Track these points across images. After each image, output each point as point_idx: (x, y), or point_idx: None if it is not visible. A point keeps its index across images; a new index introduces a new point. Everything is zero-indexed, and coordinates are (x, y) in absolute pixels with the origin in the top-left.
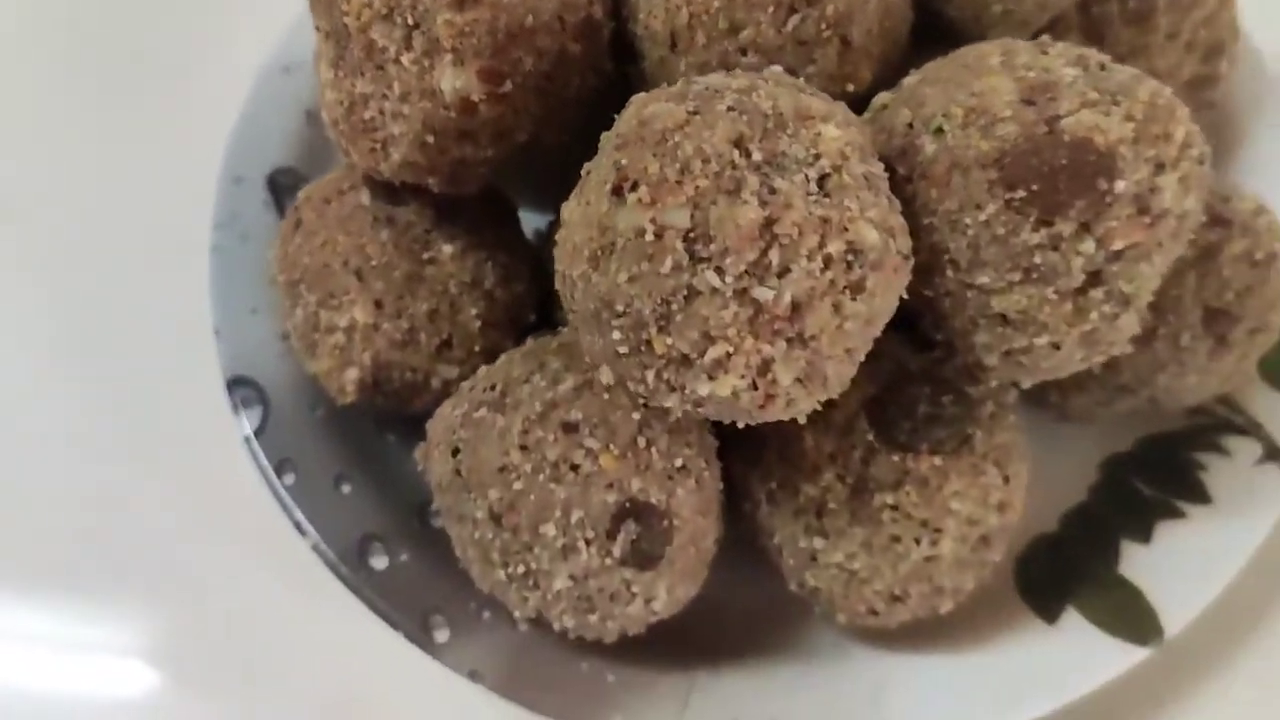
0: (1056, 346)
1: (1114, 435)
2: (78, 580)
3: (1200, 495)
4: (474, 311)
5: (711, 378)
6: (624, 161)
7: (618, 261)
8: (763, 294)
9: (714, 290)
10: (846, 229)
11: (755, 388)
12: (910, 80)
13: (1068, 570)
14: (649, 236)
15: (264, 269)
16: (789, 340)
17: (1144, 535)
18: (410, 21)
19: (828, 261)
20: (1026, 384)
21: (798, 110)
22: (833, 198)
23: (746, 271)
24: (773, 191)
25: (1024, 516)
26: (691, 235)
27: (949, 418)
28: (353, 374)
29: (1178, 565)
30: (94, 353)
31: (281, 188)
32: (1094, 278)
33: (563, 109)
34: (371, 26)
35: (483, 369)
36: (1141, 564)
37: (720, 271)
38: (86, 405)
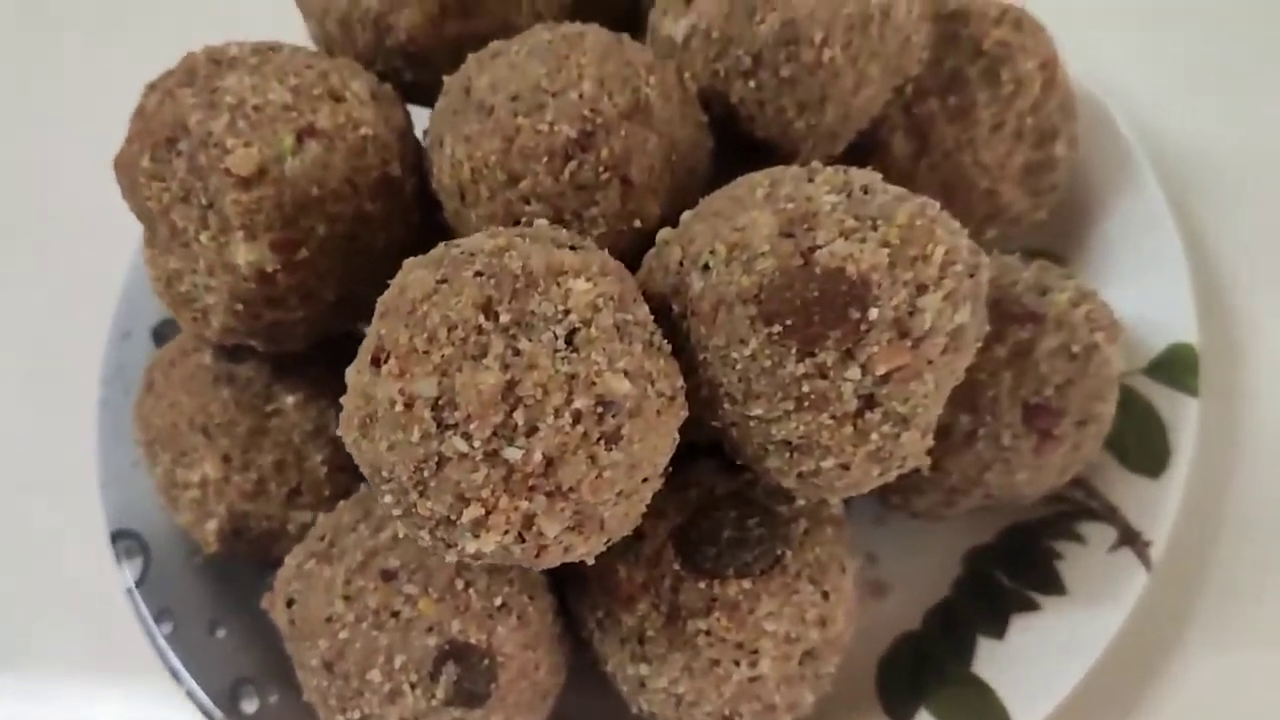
0: (845, 467)
1: (977, 528)
2: None
3: (1055, 586)
4: (319, 458)
5: (476, 535)
6: (382, 332)
7: (379, 430)
8: (512, 454)
9: (462, 455)
10: (594, 383)
11: (523, 539)
12: (686, 215)
13: (924, 669)
14: (399, 407)
15: None
16: (548, 494)
17: (999, 630)
18: (204, 202)
19: (577, 416)
20: (833, 500)
21: (549, 267)
22: (580, 352)
23: (494, 434)
24: (517, 354)
25: (888, 616)
26: (439, 403)
27: (755, 539)
28: (212, 525)
29: (1030, 660)
30: None
31: (167, 339)
32: (867, 401)
33: (370, 263)
34: (172, 209)
35: (321, 517)
36: (995, 660)
37: (467, 436)
38: None
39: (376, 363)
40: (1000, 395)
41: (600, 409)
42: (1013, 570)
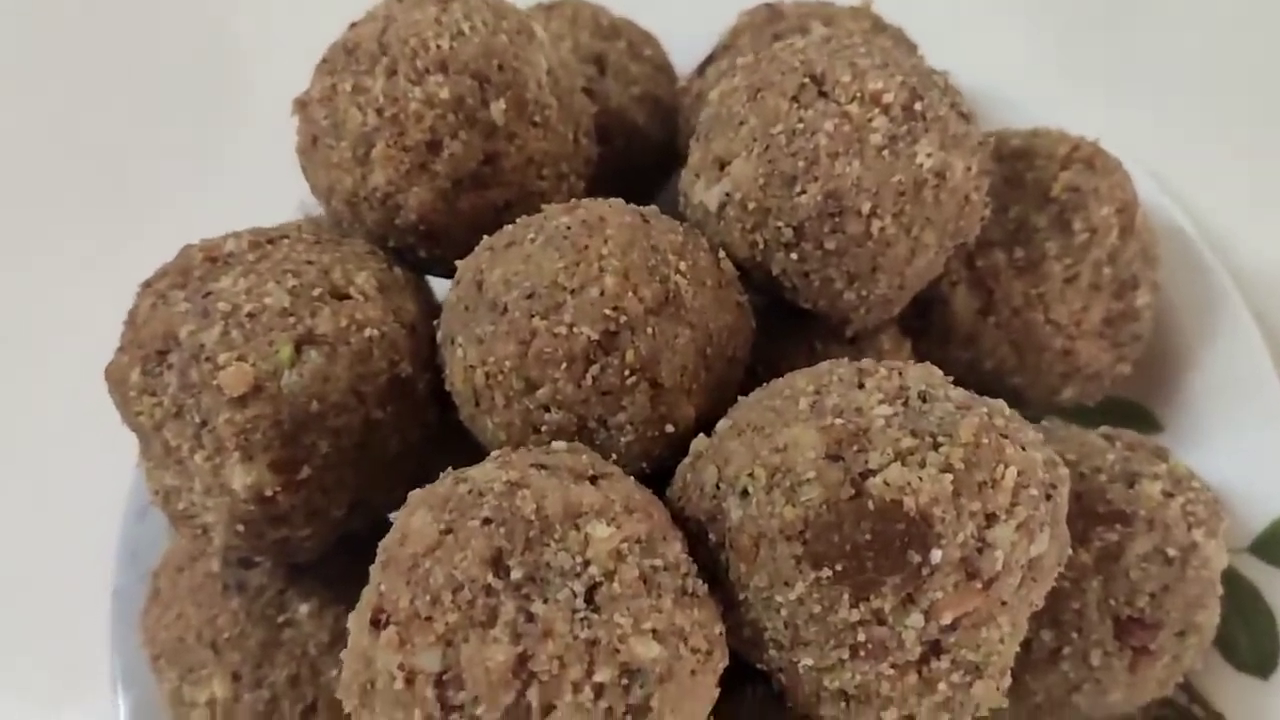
0: (911, 717)
1: None
2: None
3: None
4: (336, 673)
5: None
6: (382, 588)
7: (380, 703)
8: None
9: None
10: (619, 650)
11: None
12: (722, 426)
13: None
14: (399, 684)
15: None
16: None
17: None
18: (198, 420)
19: (599, 691)
20: None
21: (566, 509)
22: (602, 613)
23: (505, 716)
24: (530, 619)
25: None
26: (444, 679)
27: None
28: None
29: None
30: None
31: None
32: (933, 648)
33: (384, 472)
34: (164, 425)
35: None
36: None
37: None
38: None
39: (376, 624)
40: (1087, 608)
41: (625, 680)
42: None
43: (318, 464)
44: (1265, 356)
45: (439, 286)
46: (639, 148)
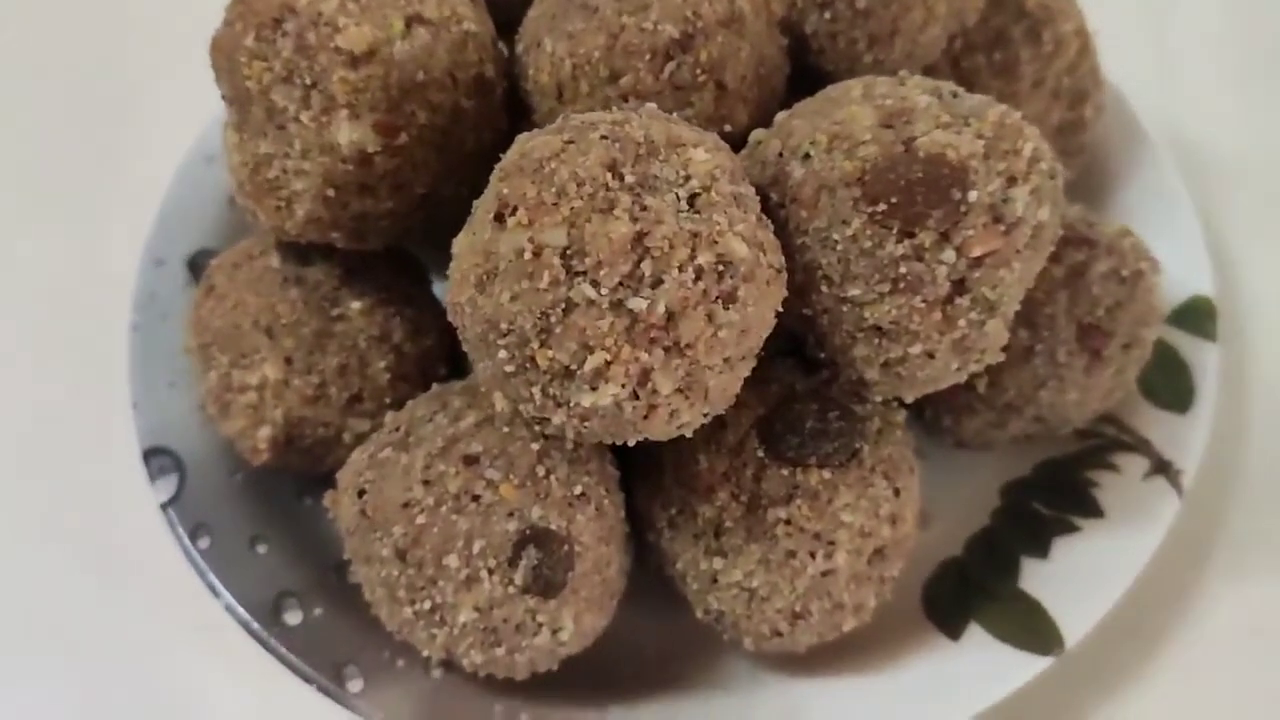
0: (931, 355)
1: (1013, 463)
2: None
3: (1094, 510)
4: (383, 365)
5: (593, 388)
6: (505, 190)
7: (501, 283)
8: (637, 304)
9: (590, 302)
10: (716, 242)
11: (636, 397)
12: (781, 116)
13: (971, 589)
14: (528, 255)
15: (181, 344)
16: (665, 349)
17: (1042, 551)
18: (308, 81)
19: (699, 273)
20: (909, 397)
21: (669, 138)
22: (702, 214)
23: (621, 283)
24: (644, 209)
25: (930, 544)
26: (568, 251)
27: (835, 432)
28: (265, 432)
29: (1075, 577)
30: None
31: (201, 269)
32: (958, 286)
33: (459, 163)
34: (272, 89)
35: (390, 414)
36: (1040, 578)
37: (595, 284)
38: (12, 482)
39: (500, 218)
40: (1057, 314)
41: (720, 268)
42: (1051, 499)
43: (413, 134)
44: (1176, 176)
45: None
46: None
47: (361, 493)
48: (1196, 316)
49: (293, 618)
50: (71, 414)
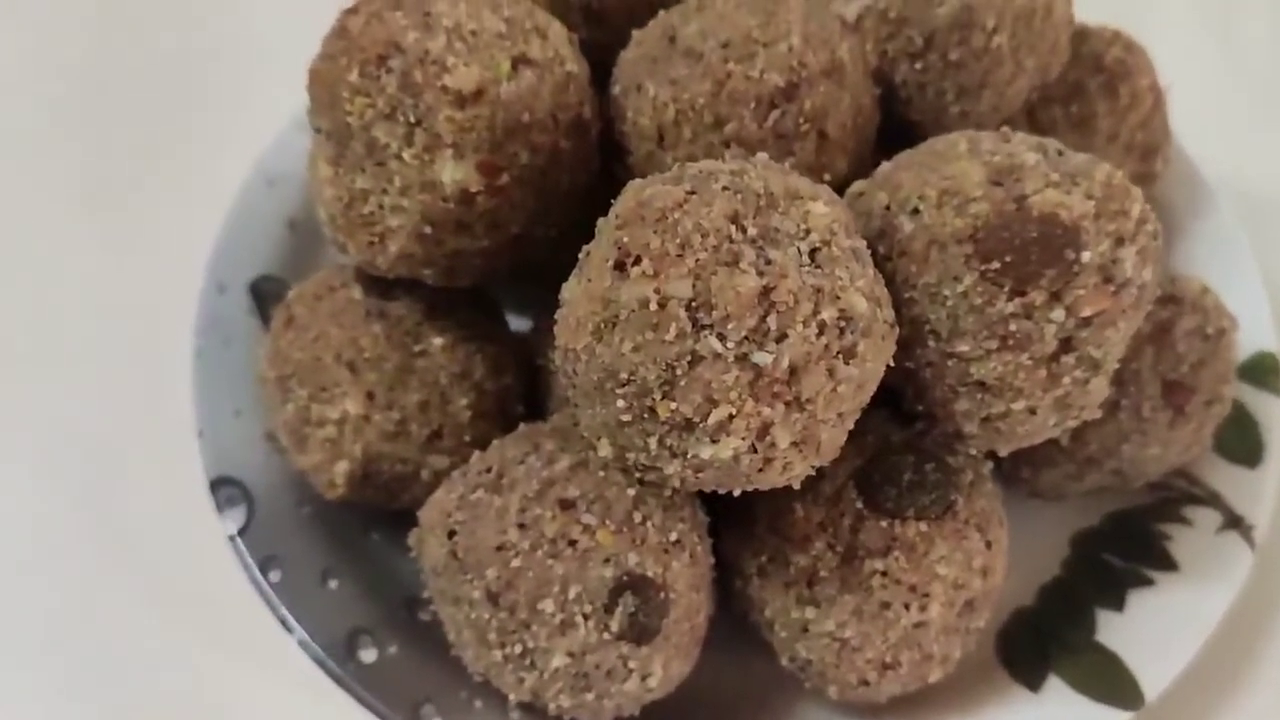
0: (1032, 411)
1: (1082, 513)
2: (64, 683)
3: (1168, 563)
4: (464, 402)
5: (714, 441)
6: (625, 239)
7: (622, 332)
8: (762, 358)
9: (716, 355)
10: (838, 297)
11: (755, 450)
12: (884, 167)
13: (1047, 640)
14: (653, 306)
15: (247, 373)
16: (787, 403)
17: (1118, 604)
18: (412, 119)
19: (822, 327)
20: (1003, 451)
21: (787, 190)
22: (824, 269)
23: (747, 337)
24: (769, 262)
25: (1002, 592)
26: (694, 304)
27: (932, 484)
28: (343, 467)
29: (1152, 631)
30: (75, 455)
31: (263, 294)
32: (1065, 344)
33: (554, 203)
34: (374, 125)
35: (475, 454)
36: (1117, 631)
37: (722, 337)
38: (68, 510)
39: (621, 267)
40: (1143, 369)
41: (842, 323)
42: (1123, 551)
43: (514, 174)
44: (1238, 227)
45: None
46: None
47: (452, 533)
48: (1261, 371)
49: (368, 655)
50: (131, 439)
